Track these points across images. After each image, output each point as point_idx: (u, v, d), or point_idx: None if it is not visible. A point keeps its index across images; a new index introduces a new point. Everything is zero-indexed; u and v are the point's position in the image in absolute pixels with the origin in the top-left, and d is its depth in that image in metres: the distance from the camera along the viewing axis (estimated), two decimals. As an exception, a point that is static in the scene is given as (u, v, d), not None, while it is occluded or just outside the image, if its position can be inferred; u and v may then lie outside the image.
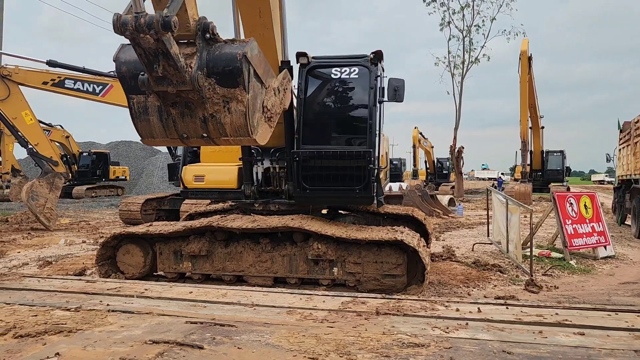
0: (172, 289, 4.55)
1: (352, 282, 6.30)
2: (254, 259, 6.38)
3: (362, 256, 6.29)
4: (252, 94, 4.62)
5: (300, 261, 6.39)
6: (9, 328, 3.37)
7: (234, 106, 4.51)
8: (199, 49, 4.38)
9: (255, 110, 4.70)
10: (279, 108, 5.28)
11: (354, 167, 6.26)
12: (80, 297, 4.21)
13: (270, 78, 5.10)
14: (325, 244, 6.28)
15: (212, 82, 4.42)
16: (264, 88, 4.99)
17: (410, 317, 3.56)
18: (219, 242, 6.47)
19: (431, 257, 9.54)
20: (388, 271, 6.26)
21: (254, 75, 4.67)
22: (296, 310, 3.78)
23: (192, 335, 3.17)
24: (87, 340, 3.13)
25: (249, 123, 4.58)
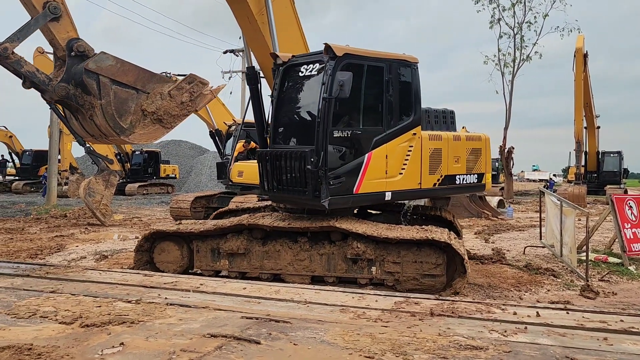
0: (226, 284, 4.65)
1: (390, 281, 6.32)
2: (292, 258, 6.45)
3: (402, 255, 6.30)
4: (114, 99, 5.49)
5: (338, 260, 6.44)
6: (75, 318, 3.54)
7: (97, 110, 5.41)
8: (67, 64, 5.41)
9: (123, 113, 5.55)
10: (176, 110, 5.93)
11: (298, 168, 6.27)
12: (140, 290, 4.36)
13: (155, 83, 5.88)
14: (364, 243, 6.31)
15: (79, 91, 5.37)
16: (142, 93, 5.76)
17: (466, 319, 3.50)
18: (257, 240, 6.57)
19: (480, 259, 9.36)
20: (428, 271, 6.27)
21: (112, 83, 5.51)
22: (349, 309, 3.78)
23: (249, 330, 3.23)
24: (148, 332, 3.24)
25: (110, 125, 5.49)
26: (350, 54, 6.54)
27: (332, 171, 6.22)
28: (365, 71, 6.77)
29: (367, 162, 6.58)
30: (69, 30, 5.48)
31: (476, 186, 8.42)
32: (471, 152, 8.18)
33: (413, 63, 7.39)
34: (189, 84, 6.08)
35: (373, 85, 7.00)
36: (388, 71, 6.96)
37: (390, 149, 6.85)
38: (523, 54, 28.00)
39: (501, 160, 30.05)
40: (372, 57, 6.92)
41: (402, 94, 7.30)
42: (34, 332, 3.28)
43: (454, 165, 7.86)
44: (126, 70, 5.61)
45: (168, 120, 5.88)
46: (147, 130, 5.77)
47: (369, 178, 6.61)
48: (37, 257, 9.42)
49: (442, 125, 8.46)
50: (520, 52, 27.97)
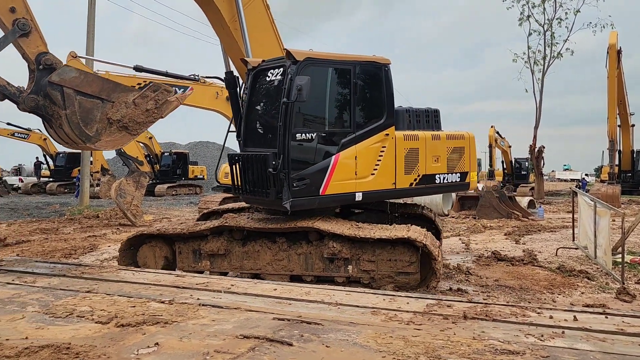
0: (257, 285, 4.67)
1: (366, 279, 6.58)
2: (271, 258, 6.67)
3: (376, 254, 6.54)
4: (79, 109, 5.85)
5: (316, 259, 6.65)
6: (111, 317, 3.60)
7: (63, 120, 5.76)
8: (36, 77, 5.74)
9: (88, 122, 5.91)
10: (141, 117, 6.24)
11: (261, 171, 6.54)
12: (172, 291, 4.42)
13: (120, 93, 6.18)
14: (340, 242, 6.52)
15: (48, 102, 5.73)
16: (107, 102, 6.09)
17: (500, 322, 3.44)
18: (236, 241, 6.76)
19: (511, 261, 9.21)
20: (402, 269, 6.52)
21: (76, 94, 5.88)
22: (380, 311, 3.76)
23: (281, 332, 3.24)
24: (182, 332, 3.28)
25: (76, 133, 5.86)
26: (312, 58, 6.71)
27: (295, 173, 6.43)
28: (329, 74, 6.92)
29: (333, 164, 6.75)
30: (39, 45, 5.82)
31: (459, 185, 8.42)
32: (453, 151, 8.19)
33: (384, 64, 7.40)
34: (153, 92, 6.33)
35: (339, 88, 7.15)
36: (355, 73, 7.03)
37: (360, 150, 6.97)
38: (554, 51, 27.46)
39: (531, 160, 29.51)
40: (337, 60, 7.06)
41: (372, 95, 7.41)
42: (72, 331, 3.35)
43: (433, 165, 7.90)
44: (90, 81, 6.00)
45: (134, 127, 6.20)
46: (114, 137, 6.12)
47: (336, 179, 6.77)
48: (71, 257, 9.65)
49: (424, 125, 8.34)
50: (550, 50, 27.45)
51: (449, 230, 14.21)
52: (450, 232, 13.94)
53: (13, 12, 5.65)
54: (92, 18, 20.95)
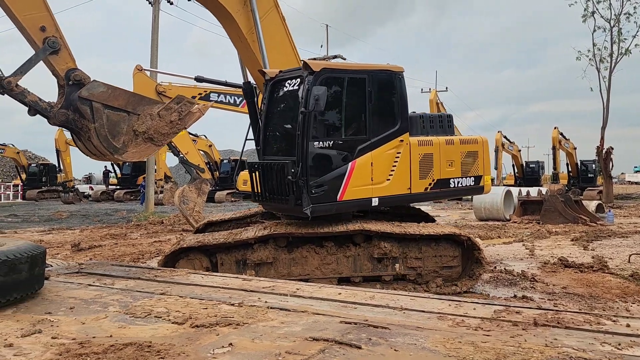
0: (321, 289, 4.76)
1: (412, 275, 7.04)
2: (319, 262, 6.83)
3: (422, 251, 7.02)
4: (107, 122, 6.09)
5: (364, 260, 6.92)
6: (186, 318, 3.79)
7: (92, 133, 5.98)
8: (66, 92, 6.00)
9: (116, 134, 6.15)
10: (165, 129, 6.45)
11: (280, 179, 6.76)
12: (241, 294, 4.58)
13: (145, 105, 6.40)
14: (390, 242, 6.87)
15: (77, 116, 5.97)
16: (133, 115, 6.31)
17: (573, 330, 3.35)
18: (282, 249, 6.89)
19: (579, 267, 8.87)
20: (446, 263, 7.09)
21: (104, 107, 6.11)
22: (447, 317, 3.75)
23: (349, 335, 3.30)
24: (253, 333, 3.41)
25: (104, 145, 6.10)
26: (328, 69, 6.96)
27: (313, 180, 6.65)
28: (346, 84, 7.09)
29: (350, 170, 6.92)
30: (68, 62, 6.11)
31: (473, 189, 8.56)
32: (466, 155, 8.36)
33: (398, 72, 7.55)
34: (177, 104, 6.55)
35: (355, 96, 7.30)
36: (370, 82, 7.20)
37: (376, 156, 7.14)
38: (621, 48, 26.20)
39: (599, 162, 28.23)
40: (352, 70, 7.31)
41: (387, 103, 7.55)
42: (151, 330, 3.55)
43: (447, 169, 8.06)
44: (117, 96, 6.25)
45: (159, 138, 6.45)
46: (140, 148, 6.39)
47: (353, 185, 6.94)
48: (139, 261, 10.13)
49: (438, 130, 8.45)
50: (617, 46, 26.21)
51: (511, 236, 13.82)
52: (513, 237, 13.55)
53: (43, 31, 5.95)
54: (156, 32, 21.92)
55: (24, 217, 23.06)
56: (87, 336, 3.42)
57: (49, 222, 20.56)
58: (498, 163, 33.39)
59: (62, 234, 15.66)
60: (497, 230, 14.90)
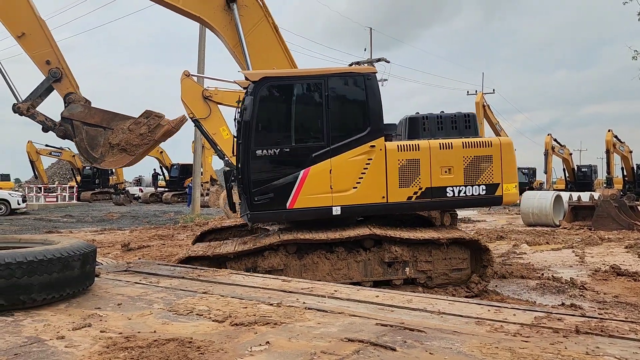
0: (359, 292, 4.79)
1: (422, 279, 7.07)
2: (330, 268, 6.84)
3: (432, 255, 7.04)
4: (86, 136, 7.27)
5: (375, 265, 6.93)
6: (226, 317, 3.90)
7: (75, 145, 7.52)
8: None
9: (94, 146, 7.32)
10: (136, 140, 7.28)
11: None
12: (279, 294, 4.66)
13: (118, 121, 7.42)
14: (400, 246, 6.92)
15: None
16: (108, 129, 7.35)
17: (618, 339, 3.24)
18: (292, 255, 6.90)
19: (633, 276, 8.51)
20: (455, 265, 7.10)
21: (83, 124, 7.36)
22: (485, 322, 3.70)
23: (384, 337, 3.32)
24: (290, 333, 3.48)
25: (85, 156, 7.48)
26: (270, 77, 6.94)
27: (256, 188, 6.78)
28: (294, 91, 7.02)
29: (302, 178, 6.85)
30: (68, 87, 7.42)
31: (485, 199, 7.56)
32: (473, 161, 7.44)
33: (366, 74, 7.22)
34: (146, 119, 7.40)
35: (307, 103, 7.27)
36: (327, 87, 6.97)
37: (337, 163, 6.96)
38: (681, 46, 24.90)
39: (656, 166, 26.93)
40: (302, 76, 7.22)
41: (352, 108, 7.35)
42: (192, 327, 3.68)
43: (442, 176, 7.32)
44: (93, 114, 7.38)
45: (131, 149, 7.34)
46: (115, 158, 7.35)
47: (306, 193, 6.88)
48: (186, 261, 10.41)
49: (450, 132, 7.78)
50: (677, 44, 24.92)
51: (560, 242, 13.40)
52: (562, 243, 13.13)
53: (48, 64, 7.24)
54: (203, 39, 22.49)
55: (79, 217, 24.13)
56: (132, 331, 3.58)
57: (101, 222, 21.45)
58: (548, 167, 32.45)
59: (113, 234, 16.31)
60: (546, 236, 14.46)
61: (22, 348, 3.21)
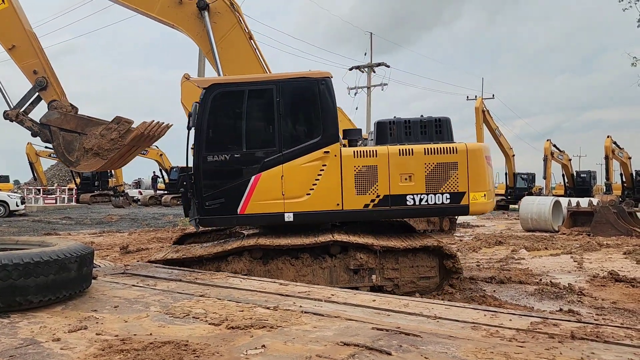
0: (356, 296, 4.79)
1: (390, 286, 6.90)
2: (295, 274, 6.72)
3: (399, 262, 6.88)
4: (63, 141, 7.69)
5: (340, 272, 6.84)
6: (222, 320, 3.90)
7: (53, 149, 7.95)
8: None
9: (70, 151, 7.70)
10: (107, 145, 7.59)
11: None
12: (276, 298, 4.67)
13: (92, 127, 7.70)
14: (366, 253, 6.79)
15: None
16: (82, 135, 7.65)
17: (613, 344, 3.25)
18: (257, 261, 6.82)
19: (631, 282, 8.51)
20: (423, 273, 6.93)
21: (59, 130, 7.70)
22: (481, 327, 3.70)
23: (380, 341, 3.32)
24: (286, 336, 3.48)
25: (62, 160, 7.95)
26: (219, 84, 6.99)
27: (207, 193, 6.83)
28: (245, 97, 6.97)
29: (253, 184, 6.84)
30: (53, 95, 7.83)
31: (449, 208, 7.18)
32: (436, 168, 7.07)
33: (319, 79, 7.09)
34: (116, 124, 7.67)
35: (259, 109, 7.20)
36: (280, 92, 6.95)
37: (289, 169, 6.90)
38: (680, 53, 24.99)
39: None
40: (252, 82, 7.16)
41: (305, 113, 7.27)
42: (188, 330, 3.68)
43: (402, 184, 7.02)
44: (68, 120, 7.72)
45: (104, 154, 7.63)
46: (90, 162, 7.68)
47: (256, 199, 6.87)
48: (185, 264, 10.40)
49: (419, 137, 7.54)
50: (676, 51, 25.01)
51: (559, 248, 13.39)
52: (561, 249, 13.12)
53: (35, 74, 7.74)
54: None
55: (77, 219, 24.12)
56: (128, 333, 3.58)
57: (100, 224, 21.43)
58: (547, 172, 32.51)
59: (111, 237, 16.29)
60: (545, 242, 14.46)
61: (18, 350, 3.21)
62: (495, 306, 6.33)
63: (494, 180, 7.93)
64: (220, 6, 8.91)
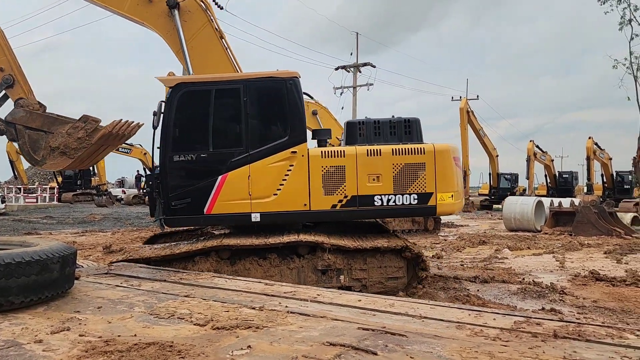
0: (341, 296, 4.80)
1: (358, 287, 6.86)
2: (262, 274, 6.65)
3: (367, 262, 6.86)
4: (28, 139, 7.59)
5: (308, 272, 6.79)
6: (207, 320, 3.88)
7: (19, 148, 7.77)
8: None
9: (36, 150, 7.61)
10: (74, 144, 7.47)
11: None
12: (262, 298, 4.66)
13: (57, 126, 7.58)
14: (334, 254, 6.77)
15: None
16: (48, 133, 7.52)
17: (594, 343, 3.30)
18: (225, 261, 6.77)
19: (611, 281, 8.65)
20: (391, 274, 6.91)
21: (25, 128, 7.61)
22: (466, 326, 3.73)
23: (366, 341, 3.33)
24: (272, 337, 3.47)
25: (27, 158, 7.82)
26: (185, 83, 6.93)
27: (173, 193, 6.78)
28: (212, 96, 6.90)
29: (219, 184, 6.79)
30: (20, 93, 7.78)
31: (417, 208, 7.16)
32: (404, 168, 7.04)
33: (287, 79, 7.03)
34: (83, 123, 7.57)
35: (226, 109, 7.14)
36: (247, 92, 6.89)
37: (257, 169, 6.85)
38: (659, 56, 25.45)
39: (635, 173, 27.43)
40: (219, 81, 7.10)
41: (272, 113, 7.22)
42: (173, 331, 3.65)
43: (370, 185, 6.97)
44: (34, 118, 7.63)
45: (70, 152, 7.51)
46: (56, 160, 7.55)
47: (223, 199, 6.82)
48: (169, 264, 10.32)
49: (388, 137, 7.49)
50: (656, 54, 25.47)
51: (541, 247, 13.57)
52: (543, 249, 13.30)
53: (2, 71, 7.73)
54: (189, 41, 22.32)
55: (59, 219, 23.79)
56: (112, 334, 3.54)
57: (82, 224, 21.17)
58: (530, 173, 32.92)
59: (94, 236, 16.11)
60: (527, 241, 14.63)
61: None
62: (479, 305, 6.39)
63: (462, 181, 7.83)
64: (191, 5, 8.81)
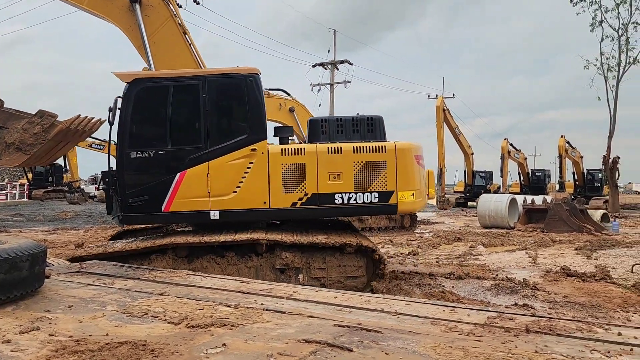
0: (317, 293, 4.80)
1: (317, 286, 6.60)
2: (220, 273, 6.54)
3: (327, 261, 6.80)
4: None
5: (267, 271, 6.73)
6: (182, 319, 3.83)
7: None
8: None
9: None
10: (30, 140, 7.31)
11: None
12: (237, 296, 4.62)
13: (12, 121, 7.41)
14: (292, 252, 6.71)
15: None
16: (3, 129, 7.33)
17: (565, 337, 3.37)
18: (182, 259, 6.72)
19: (582, 277, 8.85)
20: (350, 273, 6.85)
21: None
22: (440, 322, 3.77)
23: (341, 338, 3.33)
24: (247, 335, 3.45)
25: None
26: (142, 79, 6.83)
27: (130, 190, 6.69)
28: (170, 92, 6.80)
29: (178, 182, 6.71)
30: None
31: (378, 207, 7.12)
32: (365, 167, 7.01)
33: (247, 75, 6.97)
34: (39, 118, 7.36)
35: (184, 105, 7.03)
36: (206, 88, 6.81)
37: (215, 166, 6.78)
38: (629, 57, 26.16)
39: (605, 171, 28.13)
40: (177, 77, 6.98)
41: (232, 110, 7.18)
42: (147, 330, 3.60)
43: (330, 183, 6.92)
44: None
45: (26, 148, 7.33)
46: (12, 157, 7.36)
47: (182, 197, 6.75)
48: (144, 262, 10.18)
49: (351, 136, 7.50)
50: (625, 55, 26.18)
51: (514, 244, 13.81)
52: (516, 245, 13.54)
53: None
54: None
55: (29, 216, 23.26)
56: (83, 334, 3.47)
57: (53, 221, 20.74)
58: (504, 171, 33.46)
59: (66, 234, 15.80)
60: (501, 238, 14.88)
61: (-36, 353, 3.07)
62: (454, 301, 6.47)
63: (425, 179, 7.84)
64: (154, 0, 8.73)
